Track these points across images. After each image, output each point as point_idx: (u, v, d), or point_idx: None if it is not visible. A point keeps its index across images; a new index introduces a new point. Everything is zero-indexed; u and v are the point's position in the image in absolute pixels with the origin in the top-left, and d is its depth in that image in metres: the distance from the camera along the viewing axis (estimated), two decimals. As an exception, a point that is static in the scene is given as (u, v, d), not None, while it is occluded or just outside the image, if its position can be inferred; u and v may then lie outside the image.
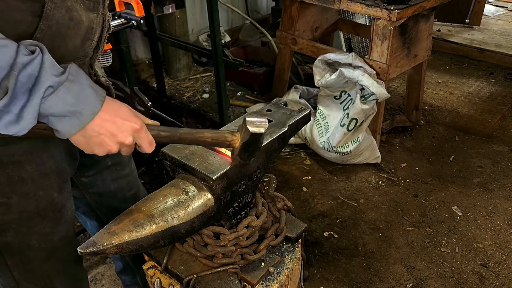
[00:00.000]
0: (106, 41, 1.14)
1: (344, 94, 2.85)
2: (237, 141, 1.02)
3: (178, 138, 1.01)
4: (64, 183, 1.17)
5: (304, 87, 3.18)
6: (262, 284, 1.20)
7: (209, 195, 1.09)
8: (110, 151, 0.93)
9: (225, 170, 1.08)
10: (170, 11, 2.52)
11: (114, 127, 0.90)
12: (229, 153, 1.11)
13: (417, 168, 2.94)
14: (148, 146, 0.96)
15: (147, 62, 4.03)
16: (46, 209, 1.12)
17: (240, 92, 3.87)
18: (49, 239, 1.17)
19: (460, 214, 2.57)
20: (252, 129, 0.97)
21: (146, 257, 1.30)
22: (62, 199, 1.17)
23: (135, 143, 0.95)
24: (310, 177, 2.86)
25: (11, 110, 0.80)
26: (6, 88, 0.78)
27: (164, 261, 1.22)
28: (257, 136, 0.99)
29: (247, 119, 0.98)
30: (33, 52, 0.81)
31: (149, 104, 1.07)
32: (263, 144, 1.15)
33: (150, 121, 1.00)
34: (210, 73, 4.16)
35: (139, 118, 0.96)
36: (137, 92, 1.07)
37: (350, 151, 2.78)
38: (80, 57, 1.04)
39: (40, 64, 0.81)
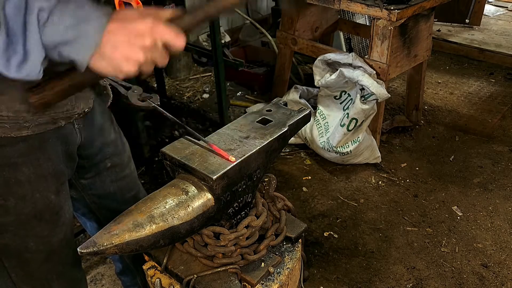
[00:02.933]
0: None
1: (344, 94, 2.85)
2: None
3: (204, 16, 0.90)
4: (62, 185, 1.17)
5: (304, 87, 3.18)
6: (262, 284, 1.20)
7: (209, 195, 1.09)
8: (139, 62, 0.85)
9: (225, 170, 1.08)
10: (170, 11, 2.51)
11: (128, 35, 0.83)
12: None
13: (417, 168, 2.94)
14: (174, 38, 0.86)
15: (147, 62, 4.02)
16: (43, 211, 1.12)
17: (240, 92, 3.87)
18: (46, 241, 1.16)
19: (460, 214, 2.57)
20: None
21: (146, 257, 1.30)
22: (60, 201, 1.16)
23: (164, 44, 0.86)
24: (310, 177, 2.86)
25: (16, 50, 0.77)
26: None
27: (164, 261, 1.22)
28: None
29: None
30: None
31: (154, 97, 1.04)
32: (264, 144, 1.15)
33: (167, 13, 0.89)
34: (210, 73, 4.16)
35: (150, 16, 0.86)
36: (143, 86, 1.05)
37: (350, 151, 2.78)
38: None
39: None
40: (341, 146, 2.79)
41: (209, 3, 0.90)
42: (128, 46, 0.83)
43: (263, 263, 1.22)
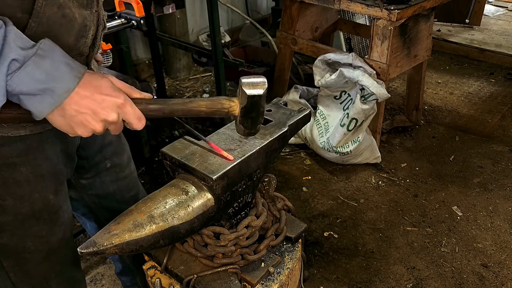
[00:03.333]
0: (102, 39, 1.13)
1: (344, 94, 2.85)
2: (236, 107, 0.92)
3: (170, 111, 0.93)
4: (60, 185, 1.16)
5: (304, 87, 3.18)
6: (262, 284, 1.20)
7: (209, 195, 1.09)
8: (95, 131, 0.88)
9: (225, 170, 1.08)
10: (170, 11, 2.51)
11: (95, 104, 0.85)
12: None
13: (417, 168, 2.94)
14: (136, 121, 0.91)
15: (147, 62, 4.03)
16: (42, 211, 1.11)
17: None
18: (45, 241, 1.16)
19: (460, 214, 2.57)
20: (249, 91, 0.86)
21: (146, 257, 1.30)
22: (58, 201, 1.16)
23: (123, 120, 0.90)
24: (310, 177, 2.86)
25: None
26: None
27: (164, 261, 1.22)
28: (256, 99, 0.88)
29: (243, 80, 0.87)
30: None
31: (154, 96, 1.04)
32: (264, 144, 1.15)
33: (139, 94, 0.93)
34: (210, 73, 4.16)
35: (122, 92, 0.89)
36: (145, 87, 1.05)
37: (350, 151, 2.78)
38: (74, 55, 1.02)
39: (3, 36, 0.77)
40: (341, 146, 2.79)
41: (176, 101, 0.93)
42: (91, 115, 0.86)
43: (263, 263, 1.22)
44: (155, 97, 1.02)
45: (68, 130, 0.88)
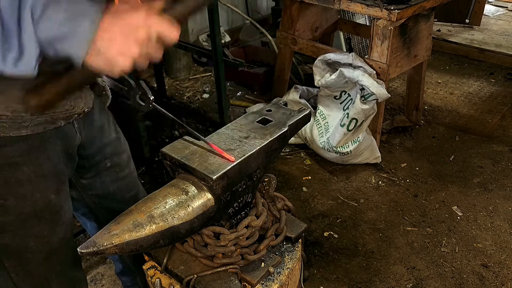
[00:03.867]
0: None
1: (344, 94, 2.85)
2: None
3: (196, 5, 0.89)
4: (62, 185, 1.16)
5: (304, 87, 3.18)
6: (262, 284, 1.20)
7: (209, 195, 1.09)
8: (134, 56, 0.83)
9: (225, 170, 1.08)
10: (170, 11, 2.51)
11: (121, 28, 0.82)
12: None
13: (417, 168, 2.94)
14: (168, 30, 0.85)
15: (147, 62, 4.02)
16: (43, 211, 1.11)
17: (240, 92, 3.87)
18: (46, 241, 1.16)
19: (460, 214, 2.57)
20: None
21: (146, 257, 1.30)
22: (60, 201, 1.16)
23: (158, 36, 0.85)
24: (310, 177, 2.86)
25: (11, 46, 0.78)
26: None
27: (164, 261, 1.22)
28: None
29: None
30: None
31: (151, 98, 1.03)
32: (264, 144, 1.15)
33: (159, 4, 0.87)
34: (210, 73, 4.16)
35: (143, 8, 0.85)
36: (141, 85, 1.04)
37: (350, 151, 2.78)
38: None
39: None
40: (341, 146, 2.79)
41: None
42: (123, 40, 0.82)
43: (263, 263, 1.22)
44: (152, 98, 1.02)
45: (110, 67, 0.84)
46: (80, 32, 0.80)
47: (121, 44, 0.82)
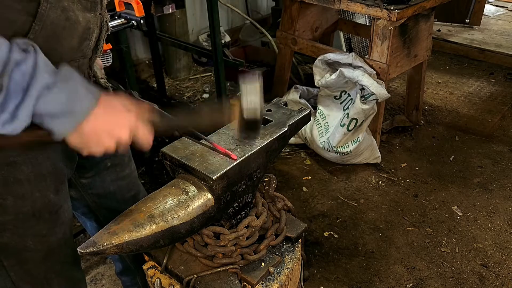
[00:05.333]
0: (105, 41, 1.13)
1: (344, 94, 2.85)
2: (237, 116, 0.98)
3: (178, 126, 1.00)
4: (61, 185, 1.17)
5: (304, 87, 3.18)
6: (262, 284, 1.20)
7: (209, 195, 1.09)
8: (107, 149, 0.93)
9: (225, 170, 1.08)
10: (170, 11, 2.52)
11: (110, 124, 0.90)
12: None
13: (417, 168, 2.94)
14: (145, 141, 0.97)
15: (147, 62, 4.03)
16: (42, 210, 1.12)
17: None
18: (45, 241, 1.16)
19: (460, 214, 2.57)
20: (247, 116, 0.93)
21: (146, 257, 1.30)
22: (59, 200, 1.16)
23: (132, 140, 0.95)
24: (310, 177, 2.86)
25: (6, 109, 0.80)
26: (1, 86, 0.78)
27: (164, 261, 1.22)
28: (253, 120, 0.95)
29: (243, 105, 0.94)
30: (26, 51, 0.80)
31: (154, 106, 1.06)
32: (264, 144, 1.15)
33: (147, 114, 0.98)
34: (210, 73, 4.16)
35: (134, 113, 0.95)
36: (134, 95, 1.06)
37: (350, 151, 2.78)
38: (77, 58, 1.03)
39: (34, 62, 0.80)
40: (341, 146, 2.79)
41: (182, 117, 0.99)
42: (107, 135, 0.90)
43: (263, 263, 1.22)
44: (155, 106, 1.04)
45: (83, 148, 0.92)
46: (73, 117, 0.86)
47: (103, 137, 0.90)
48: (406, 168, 2.94)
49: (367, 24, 3.71)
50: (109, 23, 1.16)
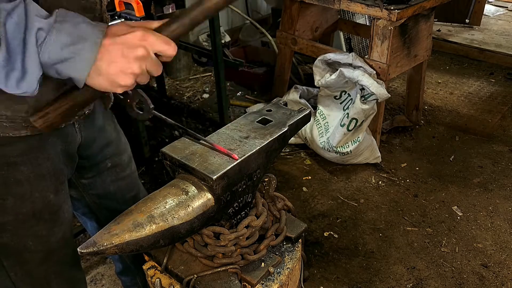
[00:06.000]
0: None
1: (344, 94, 2.85)
2: None
3: (191, 21, 0.91)
4: (61, 185, 1.16)
5: (304, 87, 3.18)
6: (262, 284, 1.20)
7: (209, 195, 1.09)
8: (134, 73, 0.86)
9: (225, 170, 1.08)
10: (170, 11, 2.52)
11: (121, 48, 0.85)
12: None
13: (417, 168, 2.94)
14: (165, 46, 0.88)
15: (147, 62, 4.02)
16: (42, 211, 1.12)
17: (240, 92, 3.87)
18: (45, 241, 1.16)
19: (460, 214, 2.57)
20: None
21: (146, 257, 1.30)
22: (59, 200, 1.16)
23: (155, 54, 0.89)
24: (310, 177, 2.86)
25: (15, 66, 0.79)
26: None
27: (164, 261, 1.22)
28: None
29: None
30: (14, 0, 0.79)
31: (151, 107, 1.04)
32: (264, 144, 1.15)
33: (156, 23, 0.92)
34: (210, 73, 4.16)
35: (139, 27, 0.88)
36: (140, 93, 1.04)
37: (350, 151, 2.78)
38: None
39: (25, 10, 0.79)
40: (341, 146, 2.79)
41: (193, 8, 0.91)
42: (123, 59, 0.85)
43: (263, 263, 1.22)
44: (152, 106, 1.02)
45: (112, 86, 0.87)
46: (82, 55, 0.82)
47: (121, 63, 0.85)
48: (406, 168, 2.94)
49: (367, 24, 3.71)
50: (109, 24, 1.16)
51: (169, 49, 0.88)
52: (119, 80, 0.86)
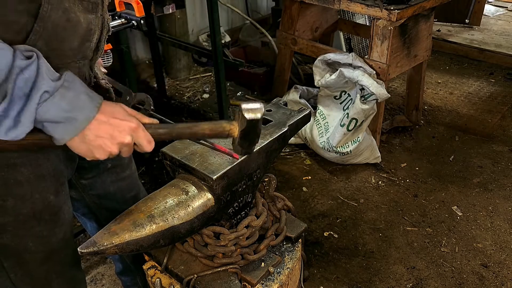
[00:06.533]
0: (106, 42, 1.13)
1: (344, 94, 2.85)
2: (236, 129, 1.01)
3: (176, 134, 1.01)
4: (61, 186, 1.16)
5: (304, 87, 3.18)
6: (262, 284, 1.20)
7: (209, 195, 1.09)
8: (111, 153, 0.94)
9: (225, 170, 1.08)
10: (170, 11, 2.52)
11: (111, 129, 0.91)
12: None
13: (417, 168, 2.94)
14: (147, 144, 0.97)
15: (147, 62, 4.03)
16: (43, 211, 1.12)
17: (240, 92, 3.87)
18: (45, 242, 1.16)
19: (460, 214, 2.57)
20: (248, 115, 0.94)
21: (146, 257, 1.30)
22: (59, 201, 1.16)
23: (134, 143, 0.96)
24: (310, 177, 2.87)
25: (9, 115, 0.81)
26: (5, 93, 0.80)
27: (164, 261, 1.22)
28: (254, 122, 0.96)
29: (243, 106, 0.96)
30: (29, 58, 0.82)
31: (151, 108, 1.06)
32: (264, 144, 1.15)
33: (147, 120, 1.00)
34: (210, 73, 4.16)
35: (135, 117, 0.97)
36: (138, 95, 1.06)
37: (350, 151, 2.78)
38: (78, 59, 1.03)
39: (37, 68, 0.82)
40: (341, 146, 2.79)
41: (182, 126, 1.00)
42: (109, 139, 0.92)
43: (263, 263, 1.22)
44: (153, 108, 1.04)
45: (87, 154, 0.93)
46: (74, 124, 0.87)
47: (106, 141, 0.92)
48: (406, 168, 2.94)
49: (367, 24, 3.71)
50: (110, 25, 1.16)
51: (148, 147, 0.98)
52: (96, 153, 0.93)
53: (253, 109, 0.96)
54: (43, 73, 0.82)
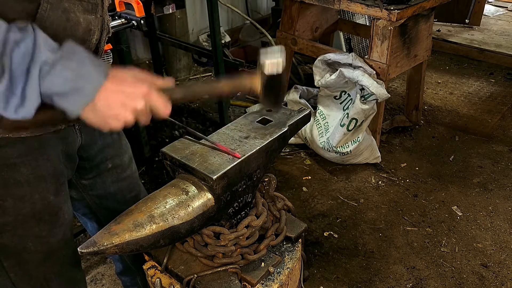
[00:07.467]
0: (106, 43, 1.13)
1: (344, 94, 2.85)
2: (258, 85, 0.94)
3: (193, 94, 0.95)
4: (61, 186, 1.16)
5: (304, 87, 3.18)
6: (262, 284, 1.20)
7: (209, 195, 1.09)
8: (126, 121, 0.90)
9: (225, 170, 1.08)
10: (170, 11, 2.52)
11: (123, 96, 0.88)
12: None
13: (417, 168, 2.94)
14: (163, 107, 0.92)
15: (147, 62, 4.03)
16: (42, 212, 1.12)
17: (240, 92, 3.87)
18: (45, 242, 1.16)
19: (460, 214, 2.57)
20: (267, 71, 0.88)
21: (146, 257, 1.30)
22: (59, 202, 1.16)
23: (151, 109, 0.92)
24: (310, 177, 2.87)
25: (15, 92, 0.80)
26: (2, 68, 0.78)
27: (164, 261, 1.22)
28: (276, 77, 0.89)
29: (261, 59, 0.89)
30: (24, 29, 0.80)
31: None
32: (263, 144, 1.15)
33: (161, 82, 0.95)
34: (210, 73, 4.16)
35: (146, 82, 0.92)
36: None
37: (350, 151, 2.78)
38: None
39: (33, 40, 0.80)
40: (341, 146, 2.79)
41: (199, 85, 0.96)
42: (122, 107, 0.88)
43: (263, 263, 1.22)
44: None
45: (101, 125, 0.90)
46: (82, 93, 0.84)
47: (118, 110, 0.88)
48: (406, 168, 2.94)
49: (367, 24, 3.71)
50: (110, 25, 1.16)
51: (164, 110, 0.93)
52: (111, 122, 0.89)
53: (272, 63, 0.89)
54: (40, 45, 0.80)
